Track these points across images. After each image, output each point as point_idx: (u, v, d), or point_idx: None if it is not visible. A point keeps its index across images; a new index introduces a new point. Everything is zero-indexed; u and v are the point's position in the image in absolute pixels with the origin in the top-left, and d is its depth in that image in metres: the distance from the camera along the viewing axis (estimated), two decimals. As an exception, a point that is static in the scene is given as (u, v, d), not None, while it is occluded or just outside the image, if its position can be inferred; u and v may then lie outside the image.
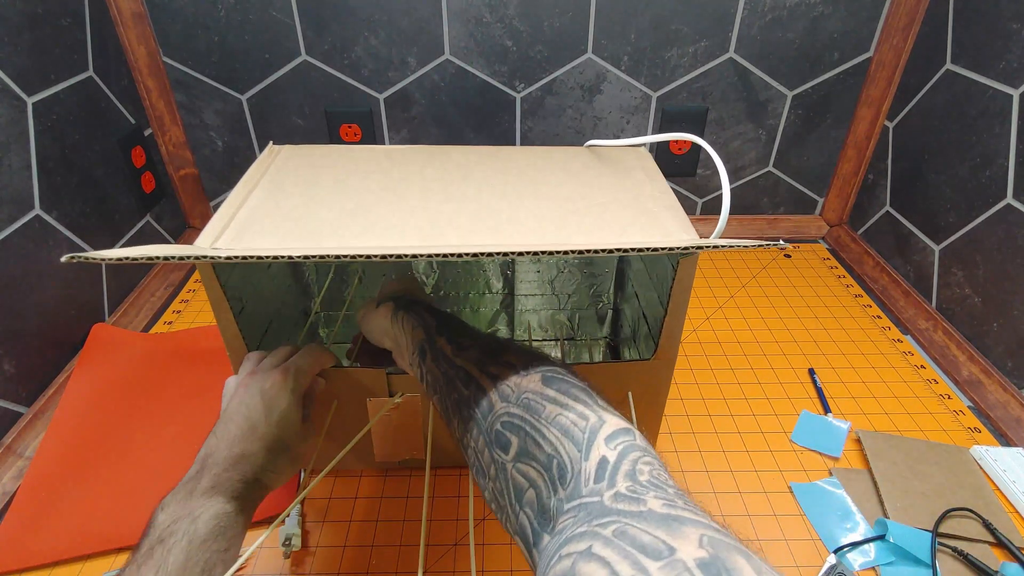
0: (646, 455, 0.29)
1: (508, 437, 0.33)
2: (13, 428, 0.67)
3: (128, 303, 0.89)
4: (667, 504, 0.24)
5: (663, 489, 0.26)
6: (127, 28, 0.87)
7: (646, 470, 0.27)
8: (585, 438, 0.30)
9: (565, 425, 0.31)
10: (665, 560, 0.21)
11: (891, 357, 0.82)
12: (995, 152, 0.76)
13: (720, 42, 0.92)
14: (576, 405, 0.32)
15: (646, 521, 0.23)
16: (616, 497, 0.26)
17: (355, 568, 0.57)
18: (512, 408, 0.34)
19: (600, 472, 0.28)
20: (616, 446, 0.29)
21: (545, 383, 0.34)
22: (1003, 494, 0.63)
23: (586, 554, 0.22)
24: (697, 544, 0.22)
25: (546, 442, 0.31)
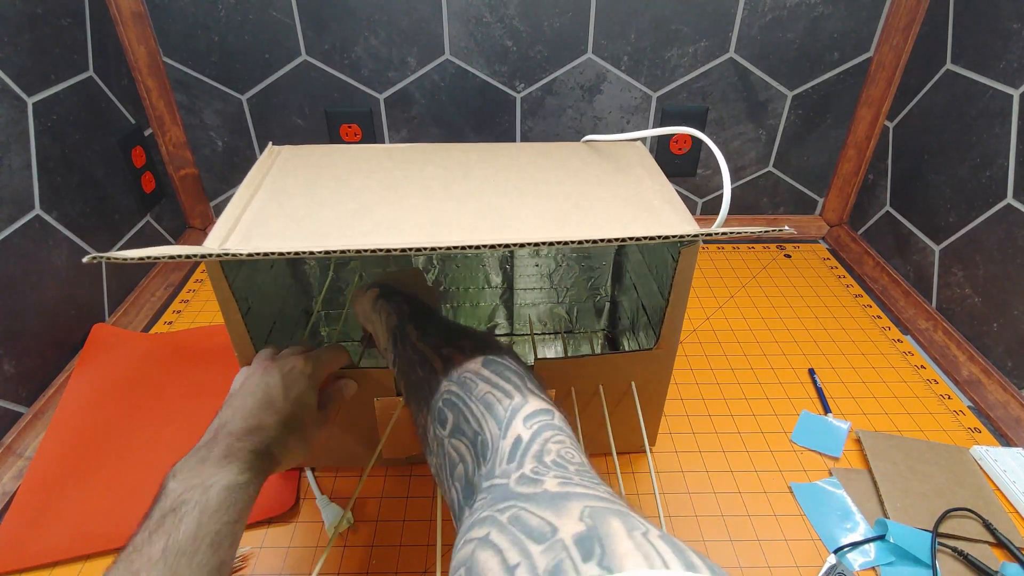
0: (559, 434, 0.31)
1: (447, 413, 0.35)
2: (13, 428, 0.67)
3: (128, 303, 0.89)
4: (562, 482, 0.26)
5: (564, 468, 0.28)
6: (127, 28, 0.87)
7: (554, 449, 0.29)
8: (506, 416, 0.32)
9: (491, 402, 0.33)
10: (547, 542, 0.22)
11: (891, 357, 0.82)
12: (995, 152, 0.76)
13: (720, 42, 0.92)
14: (505, 385, 0.34)
15: (538, 503, 0.25)
16: (520, 480, 0.27)
17: (355, 568, 0.57)
18: (452, 386, 0.36)
19: (513, 452, 0.30)
20: (532, 425, 0.31)
21: (484, 364, 0.37)
22: (1003, 494, 0.63)
23: (484, 541, 0.24)
24: (577, 518, 0.23)
25: (473, 418, 0.33)
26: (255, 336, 0.54)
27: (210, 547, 0.34)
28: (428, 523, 0.60)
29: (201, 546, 0.34)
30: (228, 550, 0.36)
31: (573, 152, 0.65)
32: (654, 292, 0.64)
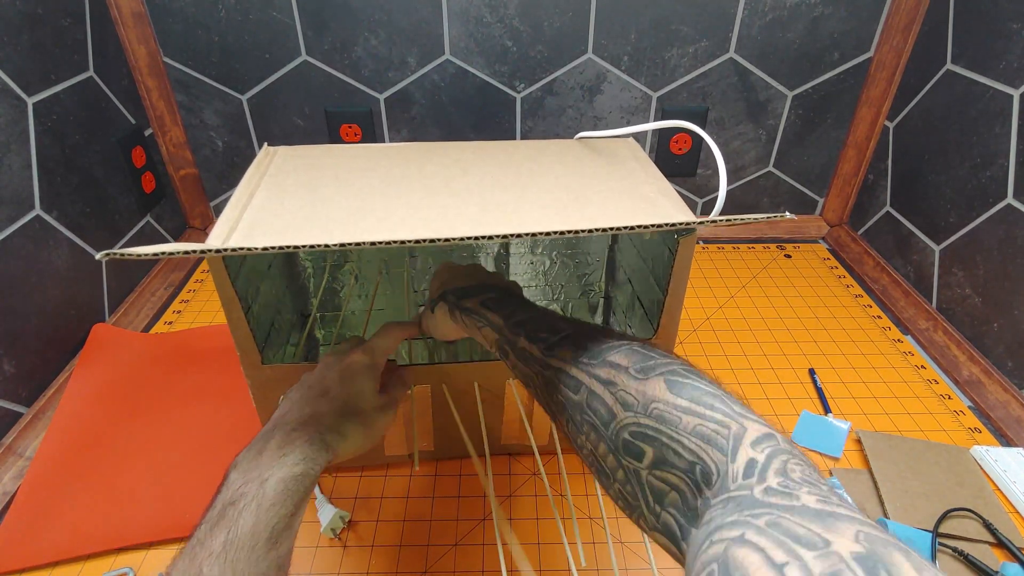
0: (795, 457, 0.28)
1: (640, 447, 0.33)
2: (13, 428, 0.67)
3: (128, 303, 0.89)
4: (821, 500, 0.24)
5: (816, 486, 0.25)
6: (127, 28, 0.87)
7: (797, 469, 0.27)
8: (730, 445, 0.30)
9: (706, 435, 0.31)
10: (820, 551, 0.21)
11: (891, 357, 0.82)
12: (995, 152, 0.76)
13: (720, 42, 0.92)
14: (714, 414, 0.32)
15: (799, 515, 0.23)
16: (767, 491, 0.25)
17: (355, 568, 0.57)
18: (641, 419, 0.33)
19: (749, 470, 0.27)
20: (763, 449, 0.29)
21: (672, 391, 0.34)
22: (1003, 494, 0.63)
23: (739, 540, 0.23)
24: (853, 539, 0.21)
25: (687, 451, 0.31)
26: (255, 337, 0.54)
27: (268, 541, 0.34)
28: (428, 523, 0.61)
29: (259, 540, 0.34)
30: (286, 542, 0.36)
31: (567, 148, 0.65)
32: (651, 286, 0.65)
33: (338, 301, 0.82)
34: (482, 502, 0.63)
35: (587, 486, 0.64)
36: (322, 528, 0.58)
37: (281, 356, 0.71)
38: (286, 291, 0.76)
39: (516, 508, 0.62)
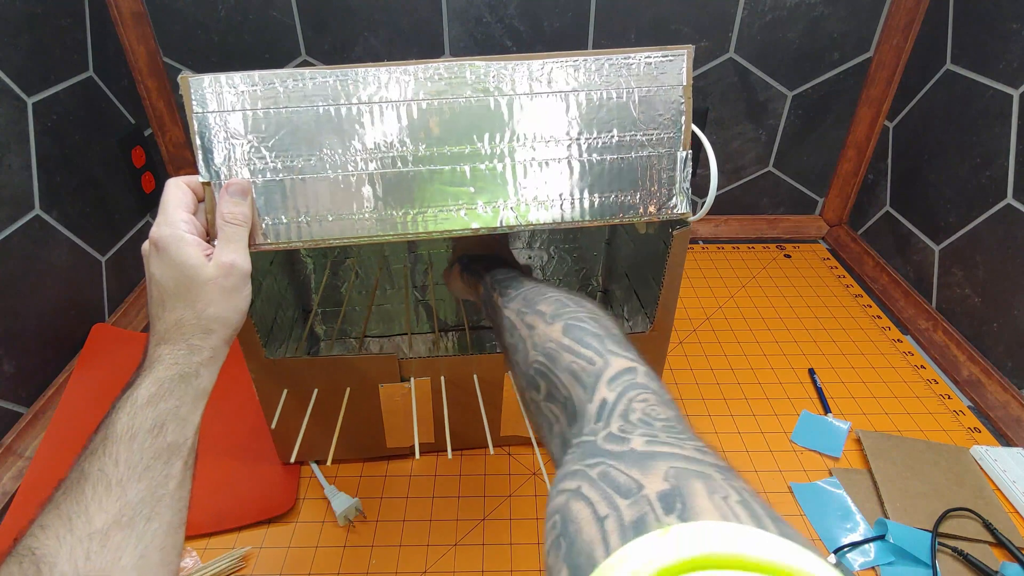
0: (644, 391, 0.32)
1: (538, 381, 0.38)
2: (13, 428, 0.67)
3: (128, 303, 0.89)
4: (649, 441, 0.27)
5: (650, 425, 0.29)
6: (127, 28, 0.87)
7: (639, 408, 0.31)
8: (591, 381, 0.34)
9: (575, 371, 0.35)
10: (633, 498, 0.24)
11: (891, 357, 0.82)
12: (995, 152, 0.76)
13: (720, 42, 0.92)
14: (585, 351, 0.36)
15: (625, 460, 0.26)
16: (607, 438, 0.29)
17: (355, 568, 0.57)
18: (539, 356, 0.39)
19: (599, 412, 0.31)
20: (616, 386, 0.32)
21: (564, 332, 0.38)
22: (1003, 494, 0.63)
23: (576, 493, 0.26)
24: (662, 478, 0.24)
25: (562, 386, 0.36)
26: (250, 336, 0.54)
27: (150, 431, 0.35)
28: (428, 523, 0.61)
29: (139, 432, 0.35)
30: (177, 431, 0.37)
31: None
32: (647, 280, 0.65)
33: (339, 297, 0.83)
34: (482, 502, 0.63)
35: (587, 486, 0.64)
36: (337, 516, 0.59)
37: (284, 351, 0.71)
38: (288, 287, 0.76)
39: (516, 508, 0.62)
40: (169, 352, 0.38)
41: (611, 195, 0.49)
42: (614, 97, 0.47)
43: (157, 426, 0.36)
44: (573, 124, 0.47)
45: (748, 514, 0.22)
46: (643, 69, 0.47)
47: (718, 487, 0.24)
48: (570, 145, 0.48)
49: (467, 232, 0.48)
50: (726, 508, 0.22)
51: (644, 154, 0.49)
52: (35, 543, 0.31)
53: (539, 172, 0.48)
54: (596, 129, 0.48)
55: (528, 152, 0.47)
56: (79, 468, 0.34)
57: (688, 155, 0.50)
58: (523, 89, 0.46)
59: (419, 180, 0.47)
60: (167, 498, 0.35)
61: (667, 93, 0.48)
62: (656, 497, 0.23)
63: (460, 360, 0.60)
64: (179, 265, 0.38)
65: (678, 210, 0.50)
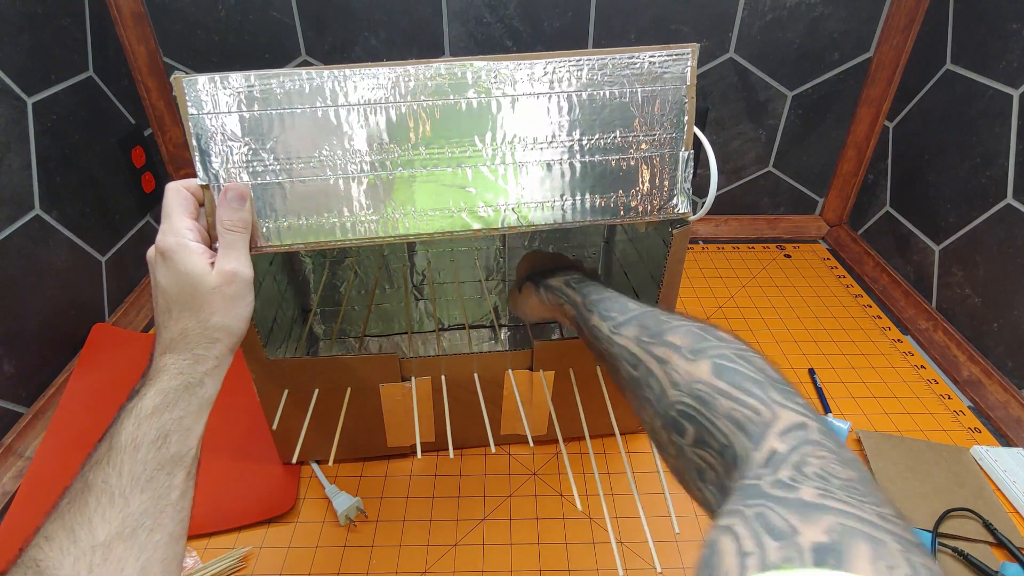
0: (821, 449, 0.29)
1: (684, 424, 0.35)
2: (13, 428, 0.67)
3: (128, 303, 0.89)
4: (821, 495, 0.25)
5: (827, 481, 0.26)
6: (127, 28, 0.87)
7: (816, 463, 0.28)
8: (757, 431, 0.31)
9: (738, 420, 0.32)
10: (784, 542, 0.22)
11: (891, 357, 0.82)
12: (995, 152, 0.76)
13: (720, 42, 0.92)
14: (748, 399, 0.33)
15: (787, 507, 0.25)
16: (775, 484, 0.27)
17: (355, 568, 0.57)
18: (685, 398, 0.35)
19: (769, 461, 0.29)
20: (789, 440, 0.30)
21: (716, 374, 0.35)
22: (1003, 494, 0.63)
23: (727, 529, 0.25)
24: (825, 530, 0.23)
25: (720, 434, 0.33)
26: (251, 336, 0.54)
27: (154, 442, 0.35)
28: (428, 523, 0.61)
29: (143, 443, 0.35)
30: (181, 442, 0.37)
31: None
32: (647, 279, 0.65)
33: (338, 297, 0.83)
34: (482, 502, 0.63)
35: (587, 486, 0.64)
36: (338, 515, 0.59)
37: (283, 351, 0.71)
38: (287, 287, 0.76)
39: (516, 508, 0.62)
40: (174, 362, 0.38)
41: (612, 195, 0.49)
42: (617, 97, 0.47)
43: (161, 437, 0.36)
44: (575, 124, 0.47)
45: None
46: (647, 68, 0.47)
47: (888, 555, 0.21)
48: (572, 145, 0.47)
49: (468, 233, 0.48)
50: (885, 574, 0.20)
51: (646, 154, 0.49)
52: (40, 554, 0.31)
53: (540, 172, 0.48)
54: (598, 129, 0.47)
55: (529, 152, 0.47)
56: (83, 478, 0.34)
57: (690, 155, 0.50)
58: (525, 89, 0.46)
59: (419, 181, 0.46)
60: (169, 509, 0.35)
61: (671, 93, 0.48)
62: (810, 547, 0.22)
63: (461, 359, 0.60)
64: (184, 274, 0.38)
65: (679, 210, 0.50)
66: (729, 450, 0.31)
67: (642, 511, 0.49)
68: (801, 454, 0.29)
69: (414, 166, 0.46)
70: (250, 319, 0.42)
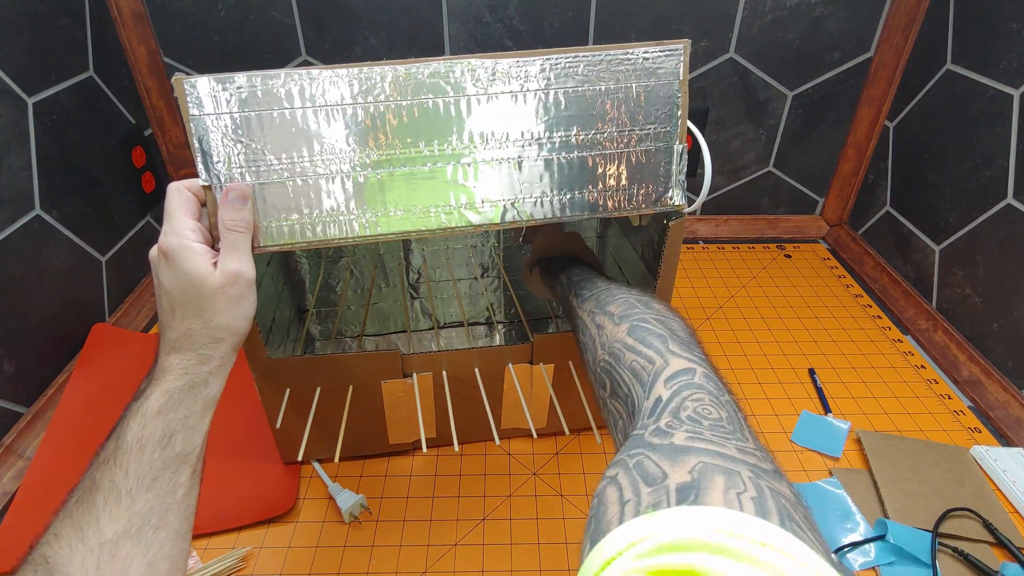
0: (698, 392, 0.32)
1: (604, 379, 0.40)
2: (13, 428, 0.67)
3: (128, 303, 0.89)
4: (691, 437, 0.28)
5: (698, 423, 0.29)
6: (127, 28, 0.87)
7: (691, 406, 0.31)
8: (649, 380, 0.35)
9: (636, 369, 0.37)
10: (656, 486, 0.25)
11: (891, 357, 0.82)
12: (995, 152, 0.76)
13: (720, 42, 0.92)
14: (647, 351, 0.37)
15: (661, 452, 0.27)
16: (654, 432, 0.30)
17: (355, 568, 0.57)
18: (606, 355, 0.40)
19: (653, 409, 0.32)
20: (672, 385, 0.33)
21: (629, 332, 0.40)
22: (1003, 494, 0.63)
23: (612, 480, 0.27)
24: (688, 470, 0.25)
25: (624, 384, 0.37)
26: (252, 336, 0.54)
27: (159, 442, 0.36)
28: (428, 523, 0.61)
29: (149, 442, 0.36)
30: (186, 441, 0.37)
31: None
32: (641, 272, 0.66)
33: (334, 297, 0.83)
34: (482, 502, 0.63)
35: (587, 486, 0.64)
36: (343, 513, 0.60)
37: (281, 352, 0.71)
38: (284, 287, 0.76)
39: (516, 508, 0.62)
40: (179, 362, 0.39)
41: (609, 189, 0.49)
42: (612, 92, 0.48)
43: (166, 436, 0.36)
44: (572, 120, 0.48)
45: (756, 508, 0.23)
46: (641, 64, 0.47)
47: (739, 483, 0.24)
48: (569, 140, 0.48)
49: (468, 229, 0.48)
50: (735, 502, 0.23)
51: (642, 148, 0.49)
52: (49, 552, 0.32)
53: (538, 168, 0.48)
54: (594, 124, 0.48)
55: (527, 148, 0.48)
56: (91, 477, 0.35)
57: (684, 148, 0.50)
58: (522, 86, 0.47)
59: (420, 178, 0.47)
60: (175, 506, 0.36)
61: (665, 88, 0.48)
62: (675, 487, 0.24)
63: (461, 354, 0.60)
64: (187, 275, 0.39)
65: (674, 202, 0.51)
66: (630, 399, 0.35)
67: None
68: (681, 399, 0.32)
69: (416, 164, 0.47)
70: (253, 318, 0.42)
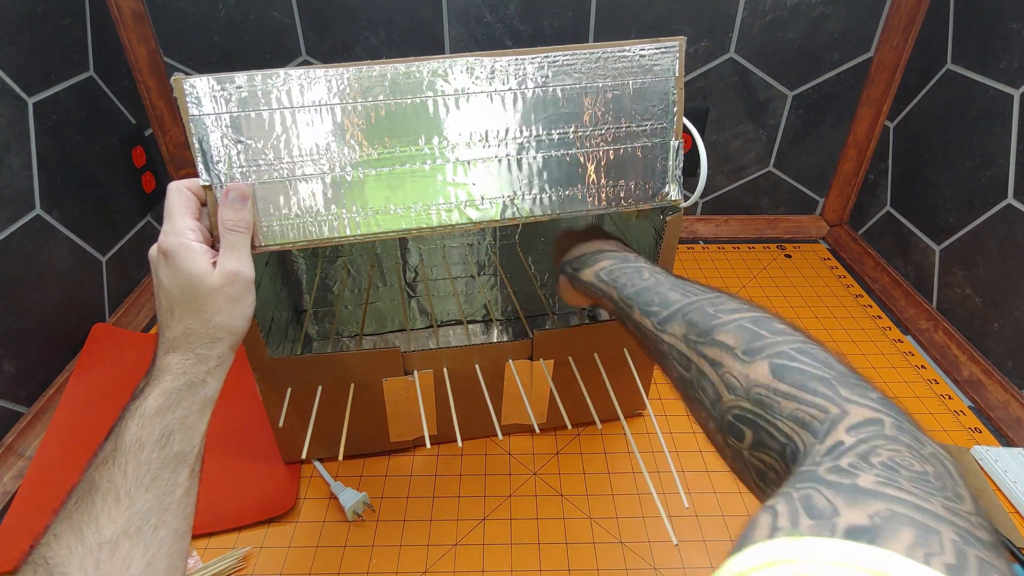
0: (894, 443, 0.26)
1: (742, 429, 0.33)
2: (13, 428, 0.67)
3: (128, 303, 0.89)
4: (880, 483, 0.23)
5: (894, 471, 0.24)
6: (127, 28, 0.87)
7: (886, 454, 0.25)
8: (824, 428, 0.29)
9: (803, 419, 0.30)
10: (820, 520, 0.21)
11: (892, 357, 0.82)
12: (996, 152, 0.76)
13: (720, 42, 0.92)
14: (814, 399, 0.31)
15: (836, 490, 0.23)
16: (832, 470, 0.25)
17: (355, 568, 0.57)
18: (742, 402, 0.34)
19: (831, 450, 0.27)
20: (858, 433, 0.27)
21: (775, 375, 0.33)
22: (1003, 494, 0.63)
23: (769, 508, 0.24)
24: (868, 514, 0.21)
25: (780, 434, 0.31)
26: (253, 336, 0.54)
27: (157, 442, 0.36)
28: (428, 523, 0.61)
29: (147, 443, 0.36)
30: (184, 441, 0.37)
31: None
32: None
33: (331, 297, 0.83)
34: (482, 502, 0.63)
35: (587, 486, 0.64)
36: (346, 511, 0.60)
37: (280, 352, 0.71)
38: (282, 287, 0.76)
39: (516, 508, 0.62)
40: (178, 362, 0.39)
41: (607, 185, 0.50)
42: (610, 89, 0.48)
43: (165, 436, 0.36)
44: (570, 117, 0.48)
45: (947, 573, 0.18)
46: (638, 61, 0.48)
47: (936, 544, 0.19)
48: (567, 137, 0.48)
49: (469, 226, 0.48)
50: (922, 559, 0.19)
51: (639, 144, 0.50)
52: (49, 552, 0.32)
53: (536, 165, 0.49)
54: (592, 121, 0.48)
55: (525, 145, 0.48)
56: (90, 477, 0.35)
57: (680, 144, 0.51)
58: (520, 84, 0.47)
59: (420, 176, 0.47)
60: (174, 506, 0.36)
61: (660, 84, 0.49)
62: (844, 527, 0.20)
63: (461, 351, 0.61)
64: (186, 274, 0.39)
65: (671, 197, 0.52)
66: (790, 448, 0.30)
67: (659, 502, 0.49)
68: (870, 445, 0.26)
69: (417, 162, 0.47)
70: (251, 318, 0.42)
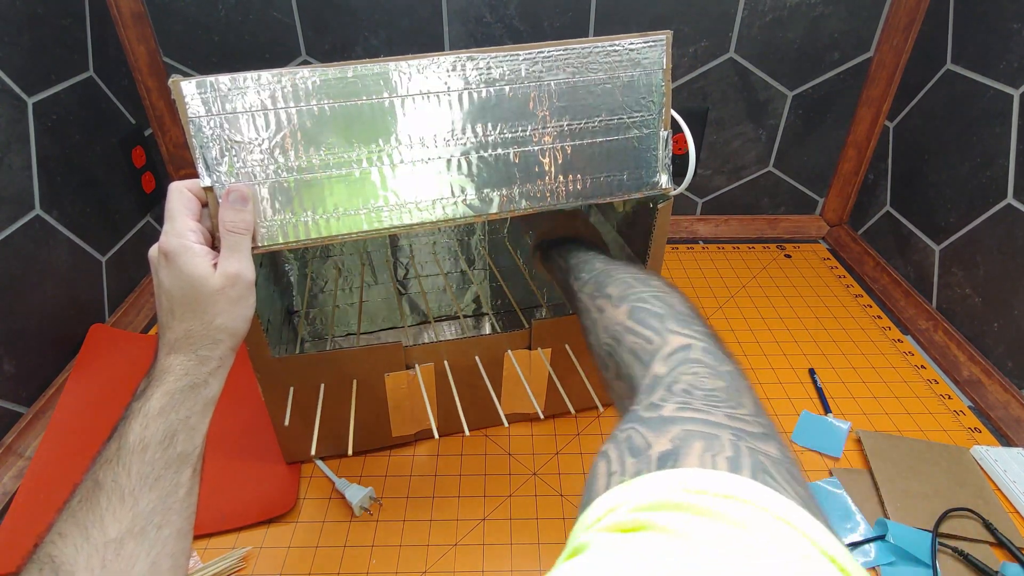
0: (695, 365, 0.33)
1: (607, 362, 0.41)
2: (13, 428, 0.67)
3: (128, 303, 0.89)
4: (680, 408, 0.29)
5: (691, 395, 0.30)
6: (127, 28, 0.87)
7: (686, 380, 0.32)
8: (648, 359, 0.36)
9: (636, 351, 0.37)
10: (640, 456, 0.26)
11: (891, 357, 0.82)
12: (995, 152, 0.76)
13: (720, 42, 0.92)
14: (645, 331, 0.38)
15: (649, 425, 0.28)
16: (647, 406, 0.31)
17: (355, 568, 0.57)
18: (608, 339, 0.41)
19: (649, 386, 0.33)
20: (670, 362, 0.34)
21: (629, 314, 0.41)
22: (1003, 494, 0.63)
23: (603, 453, 0.28)
24: (670, 439, 0.26)
25: (625, 365, 0.38)
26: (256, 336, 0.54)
27: (161, 442, 0.36)
28: (428, 523, 0.61)
29: (151, 443, 0.36)
30: (187, 441, 0.38)
31: None
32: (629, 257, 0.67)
33: (323, 297, 0.83)
34: (482, 502, 0.63)
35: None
36: (353, 507, 0.60)
37: (277, 352, 0.71)
38: (273, 288, 0.76)
39: (516, 508, 0.62)
40: (179, 363, 0.39)
41: (600, 176, 0.51)
42: (601, 82, 0.49)
43: (168, 437, 0.37)
44: (564, 110, 0.49)
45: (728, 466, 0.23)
46: (627, 55, 0.49)
47: (718, 446, 0.25)
48: (561, 131, 0.49)
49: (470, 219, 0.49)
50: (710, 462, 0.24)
51: (630, 135, 0.51)
52: (54, 551, 0.33)
53: (530, 158, 0.49)
54: (584, 114, 0.49)
55: (523, 139, 0.49)
56: (94, 477, 0.35)
57: (669, 134, 0.52)
58: (515, 78, 0.47)
59: (420, 173, 0.48)
60: (177, 505, 0.36)
61: (649, 77, 0.50)
62: (656, 456, 0.25)
63: (461, 344, 0.61)
64: (187, 276, 0.39)
65: (662, 185, 0.53)
66: (632, 379, 0.36)
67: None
68: (677, 373, 0.33)
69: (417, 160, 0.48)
70: (251, 319, 0.42)
